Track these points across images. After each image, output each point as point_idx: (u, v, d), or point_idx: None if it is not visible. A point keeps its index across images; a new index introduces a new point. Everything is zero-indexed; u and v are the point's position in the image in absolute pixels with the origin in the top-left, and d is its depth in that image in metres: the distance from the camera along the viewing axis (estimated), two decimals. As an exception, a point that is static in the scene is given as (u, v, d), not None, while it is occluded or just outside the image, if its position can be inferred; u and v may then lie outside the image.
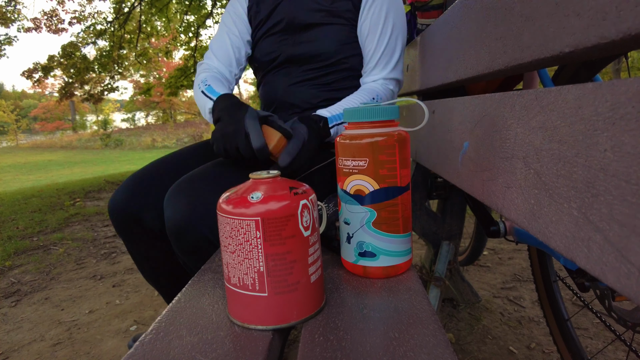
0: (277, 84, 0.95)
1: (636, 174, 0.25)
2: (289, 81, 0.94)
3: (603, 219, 0.28)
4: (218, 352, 0.34)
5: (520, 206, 0.40)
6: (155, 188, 0.81)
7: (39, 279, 1.85)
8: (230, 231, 0.37)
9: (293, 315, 0.38)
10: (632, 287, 0.25)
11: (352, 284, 0.46)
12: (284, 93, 0.94)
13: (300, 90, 0.93)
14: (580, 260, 0.30)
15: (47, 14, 6.45)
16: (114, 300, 1.57)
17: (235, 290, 0.39)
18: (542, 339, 1.13)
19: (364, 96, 0.84)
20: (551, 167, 0.34)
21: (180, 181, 0.69)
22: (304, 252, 0.38)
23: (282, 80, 0.95)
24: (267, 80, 0.98)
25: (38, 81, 6.65)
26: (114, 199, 0.82)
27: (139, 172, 0.85)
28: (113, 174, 6.30)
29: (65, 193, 4.24)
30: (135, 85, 24.82)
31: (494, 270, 1.63)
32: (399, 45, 0.89)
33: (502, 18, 0.45)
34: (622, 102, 0.26)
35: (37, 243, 2.43)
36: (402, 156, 0.46)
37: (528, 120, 0.38)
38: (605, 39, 0.29)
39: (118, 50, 6.36)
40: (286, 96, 0.94)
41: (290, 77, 0.94)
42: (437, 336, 0.34)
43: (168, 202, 0.67)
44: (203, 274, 0.52)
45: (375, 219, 0.46)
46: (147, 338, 0.37)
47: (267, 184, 0.39)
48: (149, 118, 31.02)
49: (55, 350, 1.23)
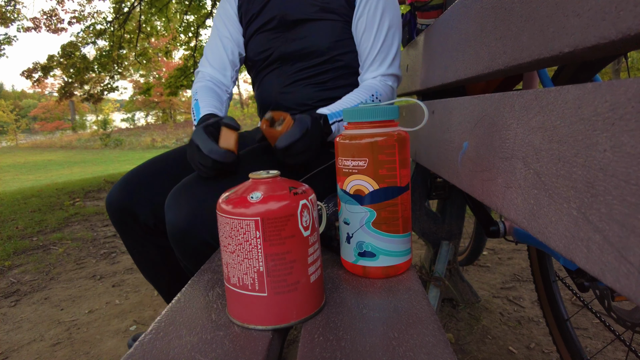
0: (271, 86, 0.94)
1: (635, 174, 0.25)
2: (282, 82, 0.93)
3: (602, 219, 0.28)
4: (217, 352, 0.34)
5: (519, 206, 0.40)
6: (150, 185, 0.83)
7: (38, 278, 1.85)
8: (229, 231, 0.37)
9: (293, 315, 0.38)
10: (632, 287, 0.25)
11: (351, 284, 0.46)
12: (279, 95, 0.93)
13: (295, 91, 0.92)
14: (580, 260, 0.30)
15: (47, 14, 6.44)
16: (114, 300, 1.57)
17: (234, 290, 0.39)
18: (542, 339, 1.13)
19: (363, 94, 0.83)
20: (551, 167, 0.34)
21: (181, 184, 0.69)
22: (303, 252, 0.38)
23: (275, 82, 0.94)
24: (261, 81, 0.97)
25: (38, 81, 6.65)
26: (110, 194, 0.84)
27: (135, 169, 0.86)
28: (113, 173, 6.30)
29: (65, 193, 4.23)
30: (135, 85, 24.82)
31: (493, 270, 1.63)
32: (395, 41, 0.88)
33: (501, 18, 0.45)
34: (622, 103, 0.26)
35: (37, 243, 2.43)
36: (402, 156, 0.46)
37: (528, 121, 0.38)
38: (605, 39, 0.29)
39: (118, 50, 6.36)
40: (281, 99, 0.93)
41: (284, 77, 0.93)
42: (437, 336, 0.34)
43: (169, 205, 0.67)
44: (203, 274, 0.52)
45: (375, 219, 0.46)
46: (147, 338, 0.37)
47: (266, 184, 0.39)
48: (149, 118, 31.01)
49: (55, 350, 1.23)
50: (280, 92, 0.93)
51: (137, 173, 0.84)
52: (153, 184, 0.83)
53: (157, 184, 0.83)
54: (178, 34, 6.73)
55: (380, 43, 0.86)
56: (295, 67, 0.91)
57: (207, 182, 0.69)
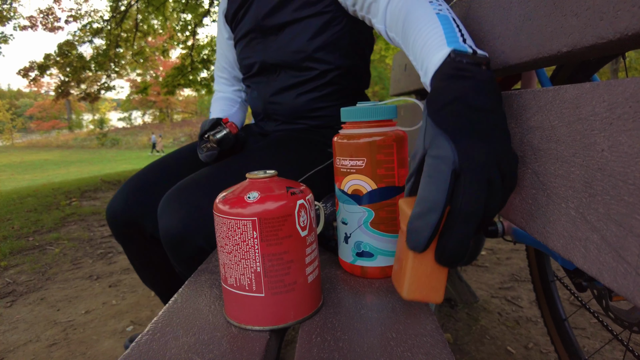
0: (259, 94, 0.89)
1: (633, 173, 0.25)
2: (270, 91, 0.87)
3: (600, 219, 0.28)
4: (215, 353, 0.34)
5: (518, 206, 0.40)
6: (154, 193, 0.79)
7: (34, 279, 1.84)
8: (226, 231, 0.37)
9: (290, 315, 0.38)
10: (629, 287, 0.25)
11: (349, 284, 0.46)
12: (268, 105, 0.88)
13: (283, 101, 0.85)
14: (578, 260, 0.30)
15: (43, 12, 6.42)
16: (110, 301, 1.56)
17: (231, 290, 0.38)
18: (540, 339, 1.13)
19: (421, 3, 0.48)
20: (549, 166, 0.34)
21: (174, 188, 0.67)
22: (301, 252, 0.38)
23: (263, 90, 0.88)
24: (251, 88, 0.92)
25: (34, 80, 6.62)
26: (112, 206, 0.79)
27: (135, 177, 0.82)
28: (109, 173, 6.27)
29: (61, 193, 4.22)
30: (131, 84, 24.76)
31: (492, 270, 1.64)
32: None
33: (500, 17, 0.45)
34: (620, 102, 0.26)
35: (33, 243, 2.42)
36: (400, 156, 0.46)
37: (526, 120, 0.38)
38: (603, 39, 0.29)
39: (114, 48, 6.34)
40: (269, 108, 0.88)
41: (270, 86, 0.86)
42: (435, 336, 0.34)
43: (163, 211, 0.65)
44: (200, 274, 0.52)
45: (373, 219, 0.46)
46: (144, 339, 0.36)
47: (264, 184, 0.39)
48: (146, 117, 30.90)
49: (51, 351, 1.22)
50: (268, 101, 0.88)
51: (139, 181, 0.80)
52: (157, 192, 0.79)
53: (161, 191, 0.79)
54: (175, 32, 6.71)
55: None
56: (281, 75, 0.84)
57: (201, 185, 0.67)
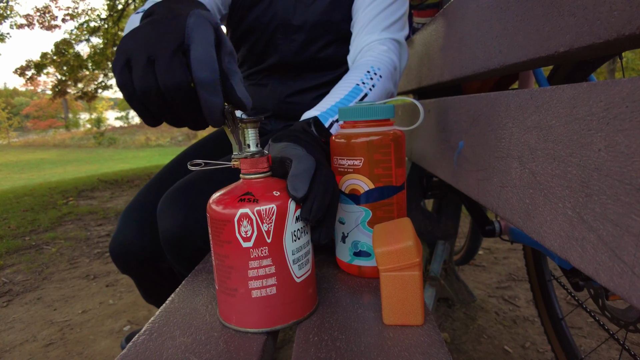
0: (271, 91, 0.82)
1: (630, 173, 0.25)
2: (286, 90, 0.81)
3: (597, 219, 0.28)
4: (212, 353, 0.34)
5: (515, 205, 0.40)
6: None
7: (31, 278, 1.84)
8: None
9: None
10: (625, 286, 0.25)
11: (346, 284, 0.46)
12: (282, 104, 0.82)
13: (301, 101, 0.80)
14: (574, 259, 0.30)
15: (40, 11, 6.39)
16: (107, 300, 1.56)
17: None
18: (537, 338, 1.13)
19: (356, 75, 0.60)
20: (546, 166, 0.34)
21: (174, 189, 0.66)
22: (242, 262, 0.36)
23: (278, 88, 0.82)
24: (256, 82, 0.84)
25: (31, 79, 6.59)
26: (120, 240, 0.72)
27: (140, 204, 0.74)
28: (106, 172, 6.25)
29: (58, 192, 4.20)
30: (129, 84, 24.60)
31: (489, 270, 1.64)
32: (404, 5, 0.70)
33: (497, 17, 0.45)
34: (616, 102, 0.26)
35: (30, 242, 2.40)
36: (398, 155, 0.46)
37: (523, 120, 0.38)
38: (600, 39, 0.29)
39: (112, 47, 6.31)
40: (283, 108, 0.82)
41: (288, 86, 0.81)
42: (432, 336, 0.34)
43: (163, 212, 0.64)
44: (197, 274, 0.52)
45: (371, 219, 0.46)
46: (140, 339, 0.36)
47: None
48: (144, 116, 30.77)
49: (48, 351, 1.22)
50: (282, 102, 0.82)
51: (144, 207, 0.73)
52: None
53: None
54: (173, 32, 6.68)
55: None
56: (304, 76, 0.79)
57: (200, 185, 0.66)
